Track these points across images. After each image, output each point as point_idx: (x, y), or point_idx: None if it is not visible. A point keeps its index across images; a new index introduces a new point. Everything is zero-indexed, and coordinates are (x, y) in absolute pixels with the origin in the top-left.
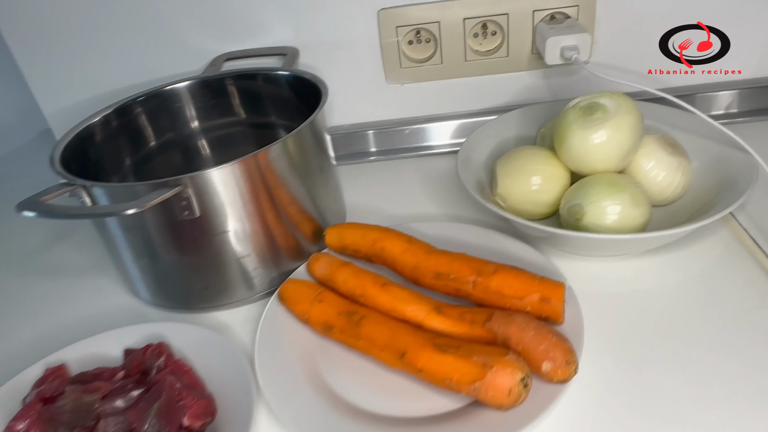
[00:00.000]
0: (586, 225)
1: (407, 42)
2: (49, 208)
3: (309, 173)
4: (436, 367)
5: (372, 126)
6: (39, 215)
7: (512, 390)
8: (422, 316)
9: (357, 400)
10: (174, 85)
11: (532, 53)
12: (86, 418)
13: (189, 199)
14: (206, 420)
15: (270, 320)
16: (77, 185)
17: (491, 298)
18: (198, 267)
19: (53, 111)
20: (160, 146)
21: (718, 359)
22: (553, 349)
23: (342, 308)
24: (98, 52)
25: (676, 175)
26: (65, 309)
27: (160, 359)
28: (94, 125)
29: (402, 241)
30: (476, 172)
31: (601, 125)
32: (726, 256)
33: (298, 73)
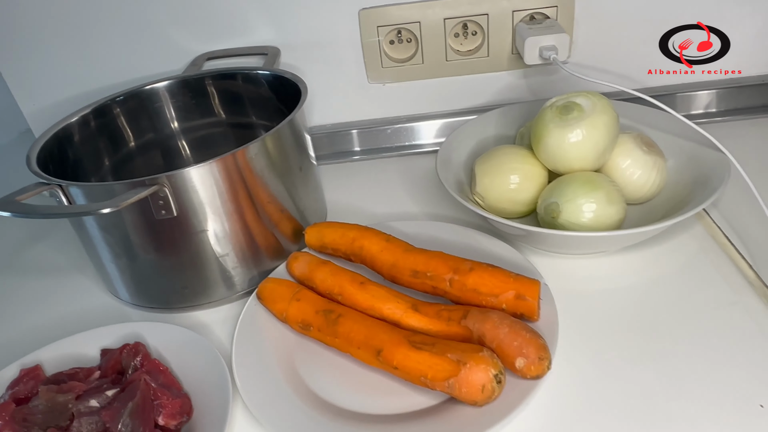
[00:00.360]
0: (562, 223)
1: (388, 42)
2: (24, 207)
3: (288, 172)
4: (411, 365)
5: (354, 125)
6: (13, 215)
7: (485, 386)
8: (399, 314)
9: (334, 398)
10: (153, 84)
11: (512, 53)
12: (60, 419)
13: (166, 198)
14: (182, 419)
15: (248, 319)
16: (53, 185)
17: (468, 295)
18: (177, 267)
19: (32, 110)
20: (139, 147)
21: (692, 353)
22: (526, 346)
23: (320, 306)
24: (78, 51)
25: (651, 174)
26: (42, 309)
27: (137, 359)
28: (71, 125)
29: (380, 240)
30: (456, 172)
31: (577, 124)
32: (700, 252)
33: (278, 73)
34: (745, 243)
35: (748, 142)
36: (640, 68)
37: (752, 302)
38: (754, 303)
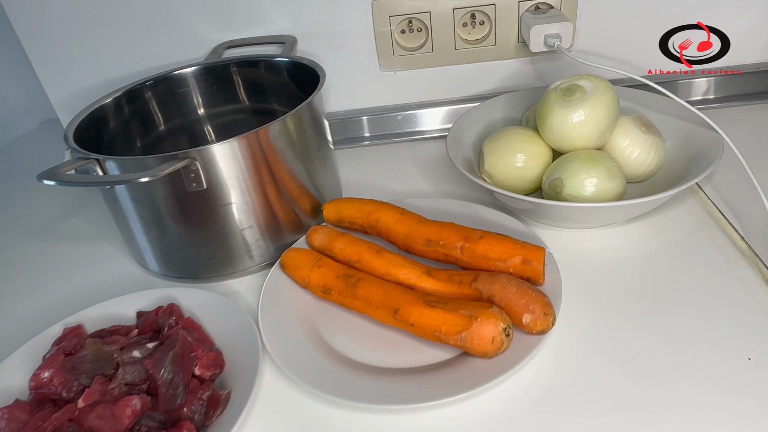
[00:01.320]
0: (565, 197)
1: (400, 31)
2: (67, 177)
3: (307, 151)
4: (426, 321)
5: (366, 112)
6: (58, 184)
7: (495, 338)
8: (414, 279)
9: (354, 354)
10: (181, 70)
11: (518, 42)
12: (106, 367)
13: (197, 171)
14: (215, 371)
15: (272, 286)
16: (91, 159)
17: (477, 261)
18: (204, 238)
19: (59, 98)
20: (168, 131)
21: (685, 314)
22: (532, 303)
23: (340, 272)
24: (103, 40)
25: (650, 153)
26: (76, 277)
27: (172, 318)
28: (106, 106)
29: (395, 213)
30: (465, 152)
31: (579, 105)
32: (695, 227)
33: (296, 59)
34: (738, 217)
35: (743, 125)
36: (640, 55)
37: (743, 270)
38: (745, 271)
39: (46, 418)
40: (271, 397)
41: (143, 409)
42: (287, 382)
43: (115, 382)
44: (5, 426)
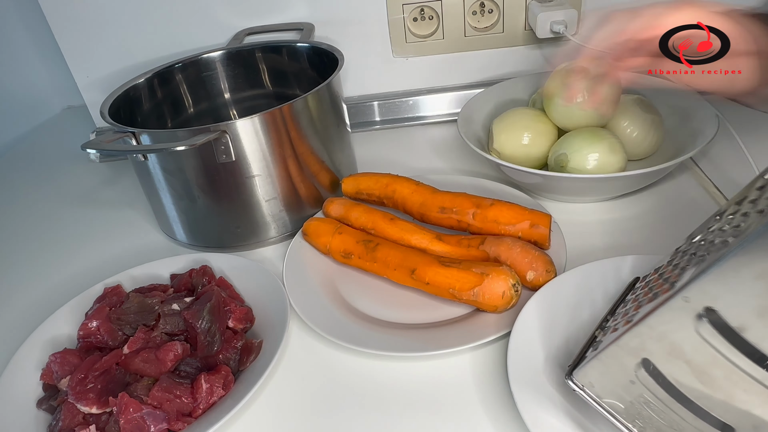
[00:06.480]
0: (570, 170)
1: (412, 19)
2: (109, 146)
3: (326, 130)
4: (441, 279)
5: (379, 97)
6: (99, 152)
7: (505, 293)
8: (425, 243)
9: (373, 312)
10: (209, 54)
11: (525, 29)
12: (147, 318)
13: (227, 144)
14: (246, 325)
15: (295, 252)
16: (127, 132)
17: (488, 226)
18: (231, 208)
19: (86, 83)
20: (196, 114)
21: None
22: (535, 261)
23: (359, 238)
24: (128, 26)
25: (649, 131)
26: (108, 244)
27: (204, 278)
28: (139, 85)
29: (411, 184)
30: (475, 132)
31: None
32: (691, 202)
33: (316, 44)
34: (733, 191)
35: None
36: None
37: None
38: None
39: (96, 361)
40: (297, 348)
41: (184, 354)
42: (312, 334)
43: (157, 332)
44: (59, 369)
